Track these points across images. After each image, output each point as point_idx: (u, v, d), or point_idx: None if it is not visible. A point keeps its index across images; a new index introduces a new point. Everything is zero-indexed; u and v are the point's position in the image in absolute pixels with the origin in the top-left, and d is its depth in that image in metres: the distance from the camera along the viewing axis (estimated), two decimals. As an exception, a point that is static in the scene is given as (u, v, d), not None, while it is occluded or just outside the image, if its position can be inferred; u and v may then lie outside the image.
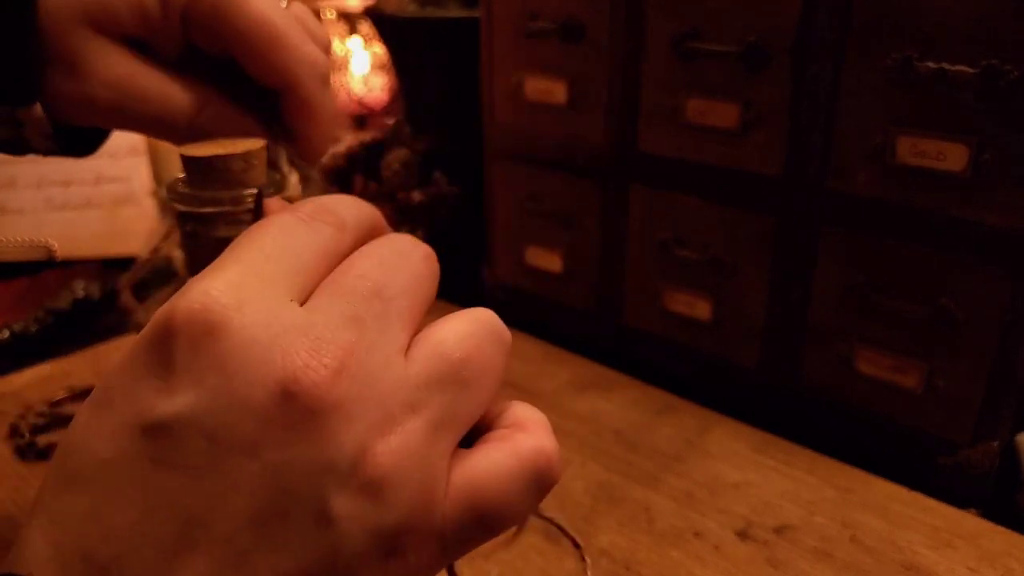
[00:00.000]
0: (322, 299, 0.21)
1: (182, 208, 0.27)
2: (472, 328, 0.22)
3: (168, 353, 0.19)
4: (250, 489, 0.19)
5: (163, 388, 0.19)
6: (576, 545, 0.41)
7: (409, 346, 0.22)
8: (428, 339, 0.22)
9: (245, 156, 0.28)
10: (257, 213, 0.26)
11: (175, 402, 0.19)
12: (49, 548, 0.19)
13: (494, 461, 0.22)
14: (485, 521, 0.22)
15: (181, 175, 0.28)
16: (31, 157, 0.35)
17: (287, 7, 0.33)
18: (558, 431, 0.24)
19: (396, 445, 0.20)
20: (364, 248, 0.23)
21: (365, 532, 0.19)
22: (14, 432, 0.50)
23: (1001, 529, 0.43)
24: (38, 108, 0.32)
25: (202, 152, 0.27)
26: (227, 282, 0.20)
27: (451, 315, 0.23)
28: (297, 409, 0.19)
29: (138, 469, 0.19)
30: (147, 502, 0.18)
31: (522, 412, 0.24)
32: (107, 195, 0.76)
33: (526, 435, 0.23)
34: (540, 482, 0.22)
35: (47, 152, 0.35)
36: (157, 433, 0.19)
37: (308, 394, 0.19)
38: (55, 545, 0.19)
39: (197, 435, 0.19)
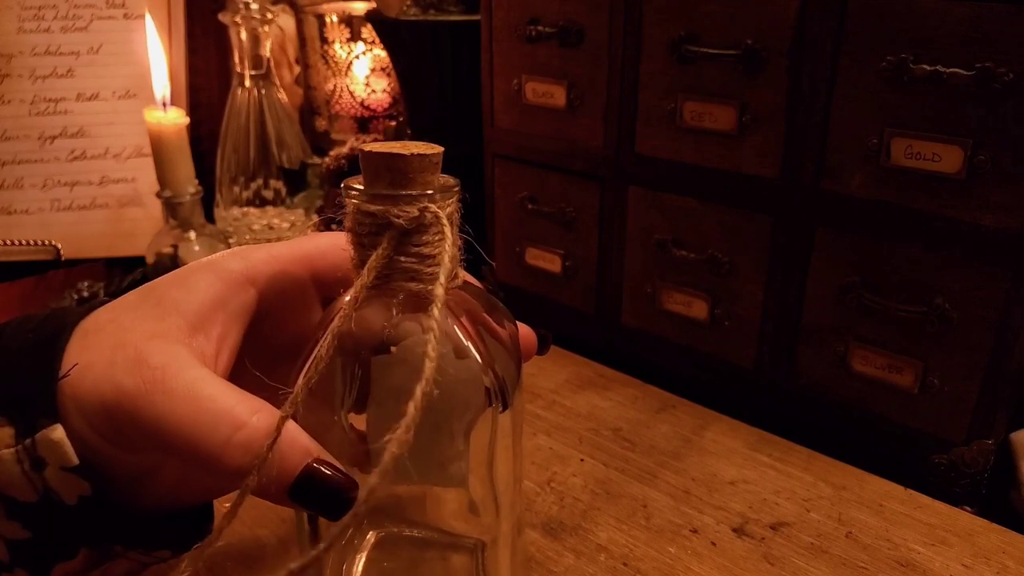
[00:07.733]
0: None
1: (355, 202, 0.27)
2: None
3: None
4: None
5: None
6: None
7: None
8: None
9: (420, 159, 0.27)
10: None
11: None
12: None
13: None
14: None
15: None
16: (35, 156, 0.32)
17: None
18: (558, 429, 0.23)
19: None
20: None
21: None
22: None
23: (996, 527, 0.43)
24: (59, 431, 0.27)
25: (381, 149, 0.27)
26: None
27: None
28: None
29: None
30: None
31: None
32: (112, 196, 0.76)
33: None
34: None
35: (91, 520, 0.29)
36: None
37: None
38: None
39: None
